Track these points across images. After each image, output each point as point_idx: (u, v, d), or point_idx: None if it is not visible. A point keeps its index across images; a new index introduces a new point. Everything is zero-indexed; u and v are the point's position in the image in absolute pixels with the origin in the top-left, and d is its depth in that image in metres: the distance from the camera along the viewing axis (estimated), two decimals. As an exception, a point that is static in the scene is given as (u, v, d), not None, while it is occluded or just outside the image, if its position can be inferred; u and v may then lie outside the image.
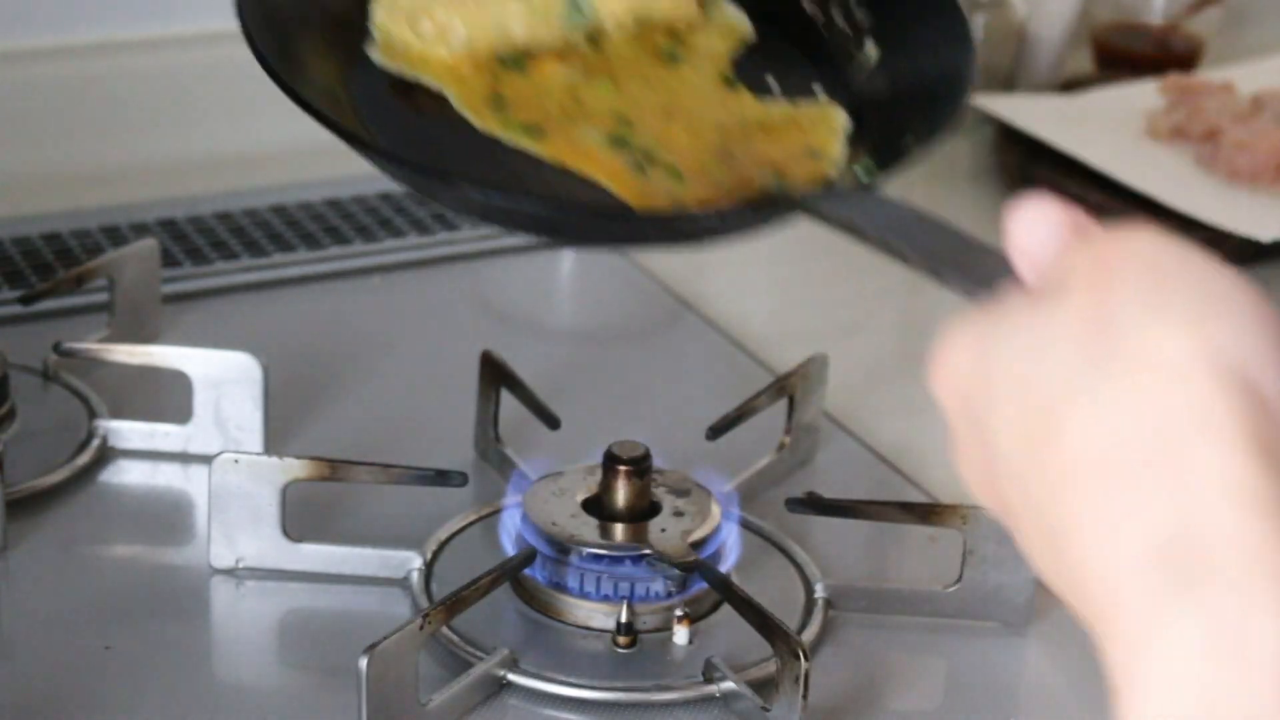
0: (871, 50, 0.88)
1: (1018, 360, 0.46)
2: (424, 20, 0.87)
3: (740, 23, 0.91)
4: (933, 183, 1.53)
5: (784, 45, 0.91)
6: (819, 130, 0.85)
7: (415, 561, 0.93)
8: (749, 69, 0.88)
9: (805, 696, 0.81)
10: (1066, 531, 0.45)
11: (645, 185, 0.81)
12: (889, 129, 0.83)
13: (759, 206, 0.78)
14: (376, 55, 0.86)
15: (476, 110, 0.84)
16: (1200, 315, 0.44)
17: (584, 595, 0.90)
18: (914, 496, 1.03)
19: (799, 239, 1.50)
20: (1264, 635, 0.43)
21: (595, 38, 0.89)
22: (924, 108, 0.82)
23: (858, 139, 0.85)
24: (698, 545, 0.90)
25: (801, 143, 0.85)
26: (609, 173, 0.81)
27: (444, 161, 0.82)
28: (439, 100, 0.85)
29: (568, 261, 1.32)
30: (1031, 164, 1.42)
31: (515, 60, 0.87)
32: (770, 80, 0.88)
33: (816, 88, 0.88)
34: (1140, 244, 0.46)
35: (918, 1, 0.88)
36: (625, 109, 0.85)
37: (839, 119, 0.86)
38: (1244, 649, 0.42)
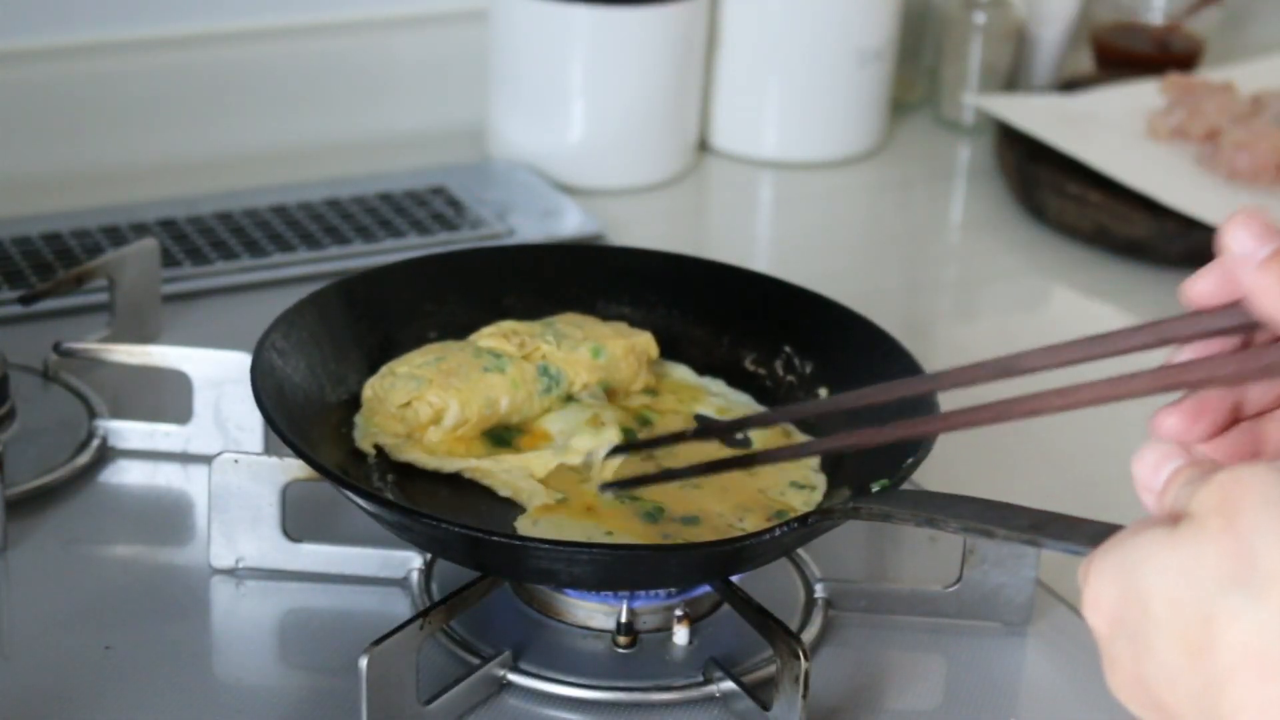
0: (822, 391, 0.98)
1: (1170, 587, 0.54)
2: (419, 405, 0.94)
3: (690, 379, 1.01)
4: (933, 183, 1.53)
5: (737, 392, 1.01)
6: (795, 465, 0.94)
7: (415, 561, 0.93)
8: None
9: (805, 696, 0.81)
10: (1230, 717, 0.53)
11: (662, 530, 0.89)
12: (868, 456, 0.89)
13: (826, 516, 0.83)
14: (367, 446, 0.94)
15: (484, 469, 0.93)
16: None
17: (584, 595, 0.90)
18: (914, 496, 1.02)
19: (788, 251, 1.50)
20: None
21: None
22: (899, 444, 0.88)
23: (831, 465, 0.94)
24: (698, 545, 0.90)
25: (783, 479, 0.93)
26: (624, 524, 0.89)
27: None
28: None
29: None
30: (1031, 164, 1.42)
31: (504, 437, 0.95)
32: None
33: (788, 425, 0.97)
34: (1254, 475, 0.54)
35: (854, 343, 0.97)
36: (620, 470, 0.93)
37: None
38: None
